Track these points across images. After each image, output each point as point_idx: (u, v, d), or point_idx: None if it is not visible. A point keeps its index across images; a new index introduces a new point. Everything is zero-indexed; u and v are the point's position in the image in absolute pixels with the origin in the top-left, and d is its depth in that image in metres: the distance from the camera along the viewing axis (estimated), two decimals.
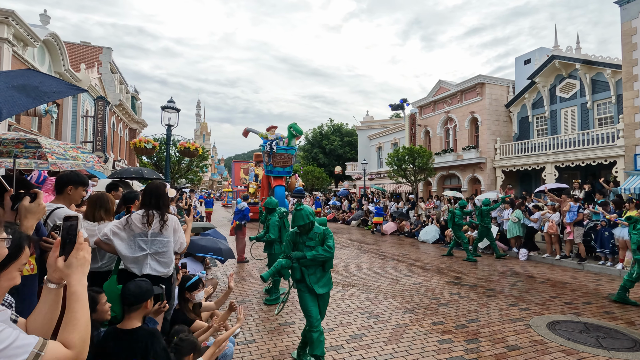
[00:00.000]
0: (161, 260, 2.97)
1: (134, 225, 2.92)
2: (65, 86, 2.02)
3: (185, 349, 2.40)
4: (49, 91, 1.87)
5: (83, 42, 22.93)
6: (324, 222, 3.98)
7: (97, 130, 17.06)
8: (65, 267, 1.21)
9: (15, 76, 1.89)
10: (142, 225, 2.92)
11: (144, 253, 2.91)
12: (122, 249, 2.86)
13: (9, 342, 0.97)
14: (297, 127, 13.40)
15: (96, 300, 2.34)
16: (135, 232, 2.91)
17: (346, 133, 39.95)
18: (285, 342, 4.39)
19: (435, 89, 21.69)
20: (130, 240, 2.90)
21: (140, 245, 2.91)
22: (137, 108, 29.21)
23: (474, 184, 19.26)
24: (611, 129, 13.46)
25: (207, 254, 5.58)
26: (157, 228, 2.94)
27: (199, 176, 21.79)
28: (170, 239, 3.02)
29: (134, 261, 2.88)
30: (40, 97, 1.82)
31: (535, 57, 17.87)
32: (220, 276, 7.85)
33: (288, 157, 13.70)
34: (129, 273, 2.87)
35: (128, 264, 2.90)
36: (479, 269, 8.95)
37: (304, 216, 3.61)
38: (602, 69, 14.46)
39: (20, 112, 1.77)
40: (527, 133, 17.93)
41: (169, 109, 8.14)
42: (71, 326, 1.13)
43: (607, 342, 4.41)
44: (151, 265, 2.92)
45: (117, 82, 23.06)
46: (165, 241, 2.99)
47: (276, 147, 13.37)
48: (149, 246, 2.92)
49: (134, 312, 2.35)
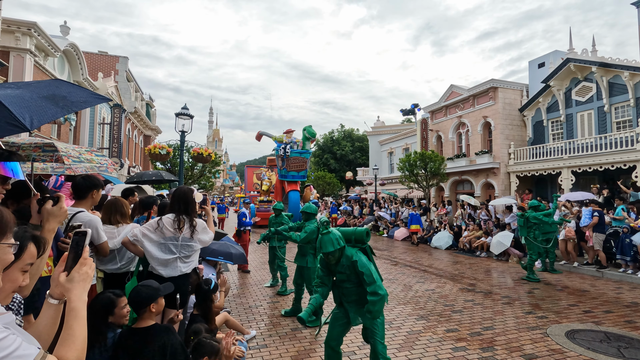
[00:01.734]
0: (187, 261, 3.12)
1: (165, 229, 3.01)
2: (91, 96, 2.09)
3: (205, 350, 2.43)
4: (76, 101, 1.93)
5: (100, 51, 23.63)
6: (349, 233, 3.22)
7: (113, 137, 17.48)
8: (67, 281, 1.18)
9: (45, 86, 1.97)
10: (174, 230, 3.02)
11: (174, 256, 3.02)
12: (153, 250, 2.95)
13: (10, 351, 0.93)
14: (311, 129, 13.09)
15: (115, 303, 2.39)
16: (167, 236, 3.01)
17: (357, 138, 39.92)
18: (297, 347, 4.37)
19: (447, 93, 21.53)
20: (161, 243, 2.99)
21: (170, 248, 3.02)
22: (152, 115, 29.84)
23: (488, 189, 18.96)
24: (630, 132, 13.11)
25: (217, 258, 5.59)
26: (188, 234, 3.05)
27: (212, 182, 22.08)
28: (197, 243, 3.14)
29: (163, 263, 2.97)
30: (68, 106, 1.89)
31: (550, 60, 17.60)
32: (232, 281, 7.89)
33: (302, 160, 13.30)
34: (150, 274, 2.94)
35: (156, 265, 2.98)
36: (494, 275, 8.78)
37: (333, 241, 2.94)
38: (619, 72, 14.14)
39: (49, 121, 1.84)
40: (542, 137, 17.60)
41: (183, 116, 8.29)
42: (69, 343, 1.10)
43: (630, 352, 4.26)
44: (181, 268, 3.05)
45: (132, 90, 23.64)
46: (195, 246, 3.13)
47: (290, 151, 13.02)
48: (178, 250, 3.04)
49: (146, 312, 2.39)
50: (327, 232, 3.02)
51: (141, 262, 3.27)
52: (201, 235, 3.14)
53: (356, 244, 3.13)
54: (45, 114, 1.74)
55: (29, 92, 1.84)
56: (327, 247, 2.93)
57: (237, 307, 6.03)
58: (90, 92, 2.12)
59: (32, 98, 1.78)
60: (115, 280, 3.21)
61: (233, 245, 5.72)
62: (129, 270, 3.32)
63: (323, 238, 2.98)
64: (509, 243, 10.81)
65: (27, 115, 1.65)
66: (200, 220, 3.20)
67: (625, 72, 13.81)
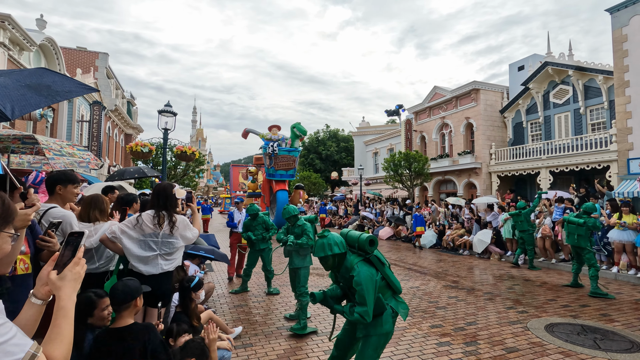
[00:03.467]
0: (169, 258, 3.03)
1: (144, 225, 2.93)
2: (77, 86, 2.01)
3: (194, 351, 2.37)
4: (61, 90, 1.86)
5: (79, 47, 22.92)
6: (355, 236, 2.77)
7: (93, 135, 16.98)
8: (59, 279, 1.15)
9: (28, 75, 1.89)
10: (154, 226, 2.94)
11: (154, 253, 2.93)
12: (132, 247, 2.87)
13: (8, 337, 0.93)
14: (300, 127, 12.55)
15: (95, 304, 2.30)
16: (146, 232, 2.93)
17: (342, 139, 40.10)
18: (282, 346, 4.34)
19: (430, 94, 21.89)
20: (141, 240, 2.90)
21: (150, 245, 2.93)
22: (133, 113, 29.14)
23: (470, 189, 19.36)
24: (604, 134, 13.64)
25: (199, 252, 5.47)
26: (168, 230, 2.97)
27: (195, 182, 21.72)
28: (179, 240, 3.05)
29: (143, 260, 2.89)
30: (53, 96, 1.81)
31: (529, 63, 18.13)
32: (216, 280, 7.78)
33: (291, 159, 12.74)
34: (130, 272, 2.85)
35: (136, 263, 2.89)
36: (476, 273, 8.96)
37: (325, 246, 2.58)
38: (594, 75, 14.69)
39: (32, 110, 1.77)
40: (522, 138, 18.11)
41: (166, 113, 8.12)
42: (57, 342, 1.08)
43: (605, 343, 4.41)
44: (162, 265, 2.96)
45: (113, 88, 23.03)
46: (176, 242, 3.03)
47: (278, 149, 12.47)
48: (159, 247, 2.95)
49: (125, 310, 2.32)
50: (323, 236, 2.67)
51: (121, 261, 3.18)
52: (183, 231, 3.06)
53: (360, 251, 2.67)
54: (27, 103, 1.67)
55: (11, 80, 1.76)
56: (319, 252, 2.60)
57: (222, 306, 5.95)
58: (76, 81, 2.04)
59: (14, 86, 1.71)
60: (93, 281, 3.11)
61: (216, 248, 5.65)
62: (108, 270, 3.21)
63: (317, 242, 2.67)
64: (489, 240, 11.06)
65: (8, 104, 1.59)
66: (181, 217, 3.12)
67: (599, 75, 14.36)
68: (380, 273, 2.61)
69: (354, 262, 2.57)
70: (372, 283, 2.48)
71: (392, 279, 2.69)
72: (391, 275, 2.71)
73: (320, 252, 2.58)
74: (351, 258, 2.60)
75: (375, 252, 2.68)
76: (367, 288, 2.45)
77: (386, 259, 2.78)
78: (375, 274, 2.55)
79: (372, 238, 2.63)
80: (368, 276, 2.48)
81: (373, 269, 2.58)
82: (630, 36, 12.68)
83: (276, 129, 12.96)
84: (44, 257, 2.33)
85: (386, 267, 2.70)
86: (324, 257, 2.59)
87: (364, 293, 2.43)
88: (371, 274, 2.52)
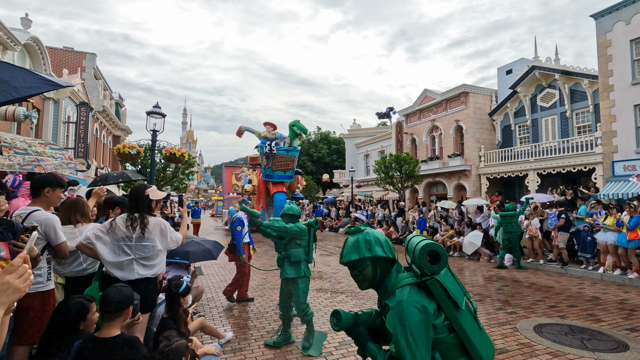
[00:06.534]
0: (147, 264, 2.89)
1: (117, 229, 2.83)
2: (42, 82, 1.87)
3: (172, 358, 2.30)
4: (20, 86, 1.72)
5: (66, 47, 22.51)
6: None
7: (79, 136, 16.65)
8: None
9: None
10: (126, 229, 2.83)
11: (128, 258, 2.81)
12: (105, 253, 2.76)
13: None
14: (300, 124, 11.77)
15: (87, 308, 2.24)
16: (119, 236, 2.82)
17: (334, 141, 40.15)
18: (272, 351, 4.29)
19: (421, 97, 22.07)
20: (114, 244, 2.80)
21: (124, 249, 2.82)
22: (122, 115, 28.73)
23: (460, 191, 19.55)
24: (589, 137, 13.92)
25: (174, 259, 5.27)
26: (140, 232, 2.85)
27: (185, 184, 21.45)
28: (155, 243, 2.91)
29: (117, 266, 2.78)
30: (9, 91, 1.68)
31: (517, 67, 18.44)
32: (206, 284, 7.68)
33: (290, 159, 11.86)
34: (113, 278, 2.77)
35: (110, 268, 2.79)
36: (466, 274, 9.02)
37: (360, 245, 1.62)
38: (579, 80, 15.01)
39: None
40: (510, 141, 18.37)
41: (155, 114, 8.01)
42: None
43: (592, 343, 4.47)
44: (138, 270, 2.83)
45: (100, 89, 22.67)
46: (151, 246, 2.89)
47: (276, 148, 11.58)
48: (133, 251, 2.83)
49: (115, 320, 2.26)
50: (358, 230, 1.69)
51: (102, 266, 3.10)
52: (158, 234, 2.91)
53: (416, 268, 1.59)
54: None
55: None
56: (350, 254, 1.62)
57: (212, 310, 5.86)
58: (41, 77, 1.90)
59: None
60: (80, 284, 3.02)
61: (199, 242, 5.43)
62: (95, 272, 3.14)
63: (348, 240, 1.68)
64: (480, 243, 11.16)
65: None
66: (156, 219, 2.98)
67: (585, 80, 14.67)
68: (448, 318, 1.48)
69: (401, 282, 1.54)
70: (424, 330, 1.41)
71: (472, 339, 1.48)
72: (472, 329, 1.51)
73: (353, 254, 1.60)
74: (399, 276, 1.60)
75: (443, 277, 1.53)
76: (410, 336, 1.39)
77: (469, 295, 1.64)
78: (432, 315, 1.45)
79: (434, 248, 1.54)
80: (417, 316, 1.41)
81: (432, 303, 1.47)
82: (614, 41, 12.99)
83: (271, 127, 12.14)
84: None
85: (463, 312, 1.51)
86: (358, 261, 1.59)
87: (404, 344, 1.39)
88: (423, 314, 1.42)
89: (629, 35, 12.57)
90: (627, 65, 12.60)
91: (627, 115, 12.59)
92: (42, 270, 2.61)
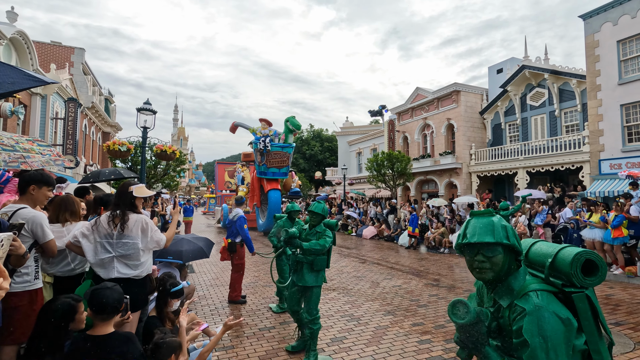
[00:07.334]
0: (129, 262, 2.82)
1: (100, 227, 2.80)
2: (25, 77, 1.83)
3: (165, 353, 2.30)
4: (3, 82, 1.68)
5: (53, 42, 22.07)
6: None
7: (68, 133, 16.38)
8: None
9: None
10: (108, 226, 2.79)
11: (109, 256, 2.76)
12: (89, 251, 2.73)
13: None
14: (294, 120, 11.52)
15: (75, 309, 2.22)
16: (102, 234, 2.78)
17: (326, 139, 40.17)
18: (264, 347, 4.30)
19: (413, 95, 22.19)
20: (98, 242, 2.77)
21: (105, 247, 2.77)
22: (111, 111, 28.30)
23: (451, 189, 19.75)
24: (577, 136, 14.17)
25: (167, 259, 5.21)
26: (119, 228, 2.80)
27: (176, 181, 21.26)
28: (136, 240, 2.84)
29: (99, 264, 2.75)
30: None
31: (507, 66, 18.64)
32: (198, 282, 7.65)
33: (284, 155, 11.59)
34: (95, 276, 2.75)
35: (94, 267, 2.77)
36: (456, 271, 9.14)
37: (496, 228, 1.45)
38: (568, 79, 15.24)
39: None
40: (500, 139, 18.60)
41: (145, 111, 7.91)
42: None
43: None
44: (118, 268, 2.77)
45: (89, 84, 22.29)
46: (131, 243, 2.82)
47: (271, 145, 11.26)
48: (114, 248, 2.78)
49: (106, 320, 2.24)
50: (488, 212, 1.52)
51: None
52: (140, 231, 2.84)
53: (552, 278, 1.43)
54: None
55: None
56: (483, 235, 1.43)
57: (203, 308, 5.85)
58: (24, 72, 1.86)
59: None
60: (68, 284, 2.98)
61: (190, 240, 5.39)
62: (85, 271, 3.10)
63: (473, 222, 1.51)
64: None
65: None
66: (138, 216, 2.91)
67: (573, 79, 14.91)
68: (588, 343, 1.29)
69: (529, 286, 1.36)
70: (566, 347, 1.21)
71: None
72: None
73: (486, 236, 1.41)
74: (528, 279, 1.42)
75: (592, 294, 1.37)
76: (552, 351, 1.19)
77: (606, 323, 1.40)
78: (575, 332, 1.25)
79: (593, 258, 1.36)
80: (560, 329, 1.22)
81: (573, 320, 1.26)
82: (601, 42, 13.21)
83: (266, 123, 11.82)
84: (12, 261, 2.22)
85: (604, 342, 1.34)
86: (491, 245, 1.40)
87: (542, 358, 1.20)
88: (568, 328, 1.23)
89: (616, 35, 12.80)
90: (614, 66, 12.84)
91: (614, 114, 12.83)
92: (30, 268, 2.58)
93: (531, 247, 1.62)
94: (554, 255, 1.43)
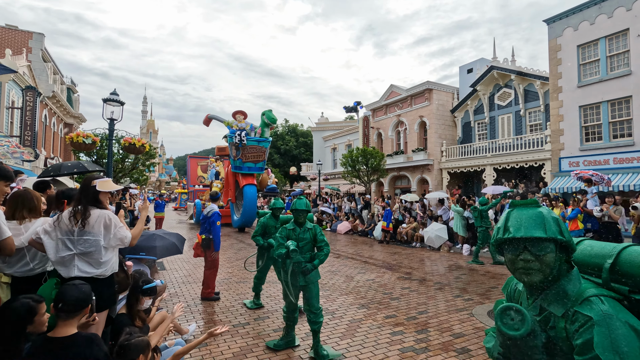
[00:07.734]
0: (91, 260, 2.68)
1: (62, 223, 2.65)
2: None
3: (131, 355, 2.21)
4: None
5: (9, 25, 20.55)
6: None
7: (26, 123, 15.37)
8: None
9: None
10: (69, 223, 2.65)
11: (70, 253, 2.62)
12: (50, 248, 2.58)
13: None
14: (271, 114, 11.27)
15: (35, 310, 2.08)
16: (63, 231, 2.64)
17: (301, 134, 40.06)
18: (239, 344, 4.26)
19: (387, 92, 22.52)
20: (59, 238, 2.62)
21: (66, 244, 2.63)
22: (74, 101, 26.80)
23: (423, 185, 20.29)
24: (540, 135, 14.93)
25: (139, 255, 5.05)
26: (80, 224, 2.66)
27: (146, 176, 20.51)
28: (98, 237, 2.70)
29: (60, 262, 2.60)
30: None
31: (477, 67, 19.30)
32: (169, 279, 7.44)
33: (261, 150, 11.33)
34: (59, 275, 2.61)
35: (55, 265, 2.63)
36: (427, 264, 9.43)
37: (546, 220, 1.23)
38: (533, 80, 16.00)
39: None
40: (470, 137, 19.28)
41: (112, 102, 7.56)
42: None
43: None
44: (79, 266, 2.63)
45: (50, 72, 20.97)
46: (93, 240, 2.68)
47: (247, 138, 11.01)
48: (75, 245, 2.64)
49: (73, 318, 2.13)
50: (534, 203, 1.29)
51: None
52: (99, 227, 2.71)
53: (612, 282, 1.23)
54: None
55: None
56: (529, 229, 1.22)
57: (175, 305, 5.69)
58: None
59: None
60: (28, 284, 2.81)
61: (162, 236, 5.25)
62: (45, 271, 2.93)
63: (515, 213, 1.30)
64: (447, 236, 11.65)
65: None
66: (100, 211, 2.77)
67: (537, 81, 15.66)
68: None
69: (586, 291, 1.17)
70: None
71: None
72: None
73: (536, 230, 1.20)
74: (583, 283, 1.22)
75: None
76: None
77: None
78: None
79: None
80: (634, 342, 1.02)
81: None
82: (563, 46, 13.95)
83: (241, 116, 11.53)
84: None
85: None
86: (543, 242, 1.20)
87: None
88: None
89: (576, 40, 13.55)
90: (575, 69, 13.60)
91: (573, 115, 13.62)
92: None
93: (583, 244, 1.41)
94: (616, 256, 1.22)
